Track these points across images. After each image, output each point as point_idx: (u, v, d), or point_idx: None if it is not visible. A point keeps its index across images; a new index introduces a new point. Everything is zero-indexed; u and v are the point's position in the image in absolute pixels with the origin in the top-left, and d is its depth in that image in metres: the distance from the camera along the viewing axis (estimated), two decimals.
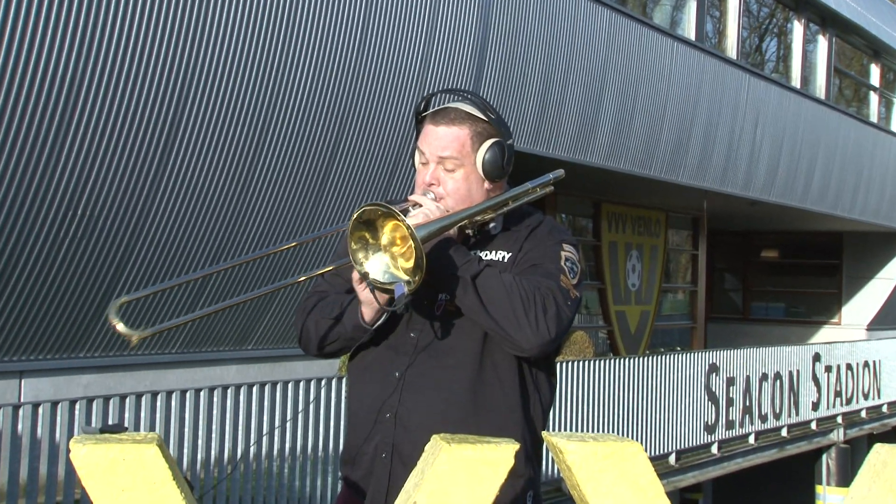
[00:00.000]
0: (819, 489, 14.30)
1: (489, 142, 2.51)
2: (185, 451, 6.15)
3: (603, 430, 9.40)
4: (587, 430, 9.05)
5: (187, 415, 6.18)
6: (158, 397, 6.05)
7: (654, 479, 1.71)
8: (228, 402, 6.39)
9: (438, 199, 2.48)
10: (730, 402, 11.88)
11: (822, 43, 17.77)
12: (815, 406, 13.92)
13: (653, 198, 15.46)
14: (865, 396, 15.45)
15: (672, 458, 10.81)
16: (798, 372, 13.46)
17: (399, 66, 8.89)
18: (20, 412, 5.48)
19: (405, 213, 2.37)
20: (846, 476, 14.01)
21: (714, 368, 11.59)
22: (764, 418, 12.62)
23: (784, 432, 13.13)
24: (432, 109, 2.57)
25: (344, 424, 6.83)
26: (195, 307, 7.94)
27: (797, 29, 17.09)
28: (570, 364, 9.33)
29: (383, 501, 2.43)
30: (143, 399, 5.97)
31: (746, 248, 22.07)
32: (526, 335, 2.36)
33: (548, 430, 2.42)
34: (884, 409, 16.09)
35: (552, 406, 2.61)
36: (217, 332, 8.55)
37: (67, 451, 4.78)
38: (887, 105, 20.81)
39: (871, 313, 20.72)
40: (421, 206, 2.43)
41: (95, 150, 6.91)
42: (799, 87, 16.77)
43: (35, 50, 6.41)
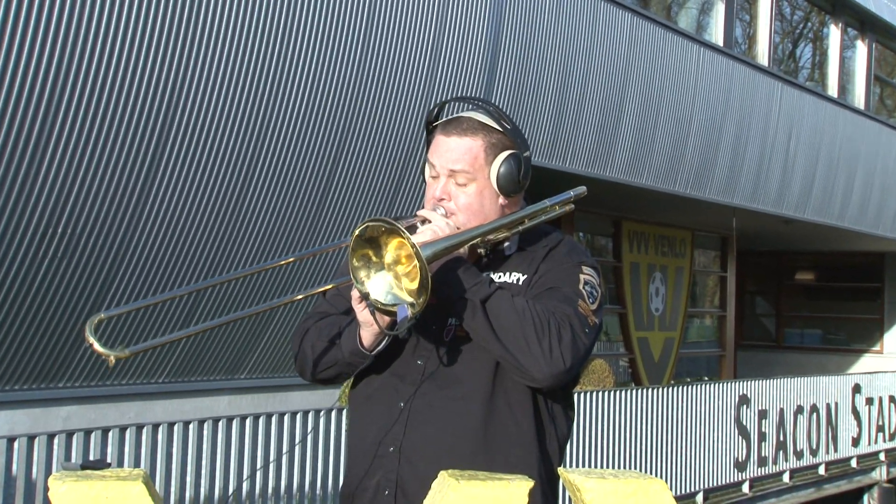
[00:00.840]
0: None
1: (504, 154, 2.50)
2: (173, 488, 6.14)
3: (624, 467, 9.38)
4: (607, 467, 9.02)
5: (175, 449, 6.18)
6: (144, 430, 6.05)
7: None
8: (219, 435, 6.39)
9: (449, 215, 2.47)
10: (762, 437, 11.84)
11: (861, 49, 17.78)
12: (856, 442, 13.86)
13: (678, 215, 15.44)
14: None
15: (699, 498, 10.78)
16: (836, 404, 13.41)
17: (405, 72, 8.91)
18: None
19: (413, 229, 2.36)
20: None
21: (745, 400, 11.56)
22: (799, 455, 12.58)
23: (821, 470, 13.07)
24: (444, 119, 2.57)
25: (344, 459, 6.82)
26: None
27: (834, 34, 17.11)
28: (589, 394, 9.33)
29: None
30: (128, 432, 5.97)
31: (779, 270, 22.03)
32: (538, 364, 2.34)
33: (564, 465, 2.41)
34: None
35: (569, 440, 2.60)
36: (207, 359, 8.54)
37: (45, 489, 4.76)
38: None
39: None
40: (430, 221, 2.43)
41: (77, 162, 6.92)
42: (836, 96, 16.77)
43: (13, 57, 6.44)
